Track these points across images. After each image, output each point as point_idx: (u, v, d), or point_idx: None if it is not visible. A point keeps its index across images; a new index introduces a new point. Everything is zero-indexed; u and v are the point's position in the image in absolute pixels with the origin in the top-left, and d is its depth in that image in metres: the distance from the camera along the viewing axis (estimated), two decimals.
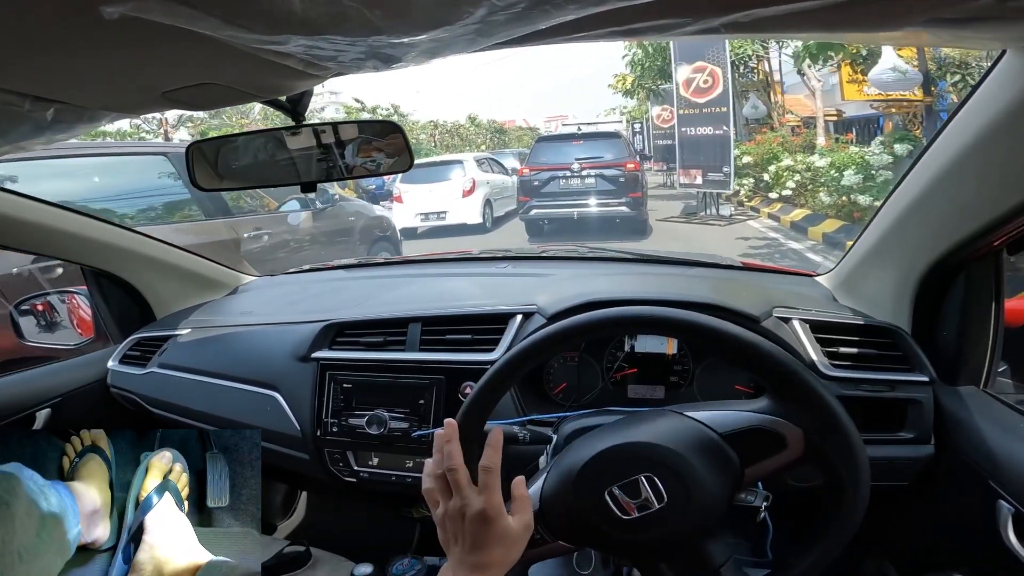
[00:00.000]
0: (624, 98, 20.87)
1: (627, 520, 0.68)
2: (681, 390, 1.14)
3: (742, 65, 13.84)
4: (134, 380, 1.39)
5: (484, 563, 0.64)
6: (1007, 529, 0.76)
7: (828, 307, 1.14)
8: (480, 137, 30.64)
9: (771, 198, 10.37)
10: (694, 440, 0.70)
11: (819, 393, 0.67)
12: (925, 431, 0.94)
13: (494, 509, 0.65)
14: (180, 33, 0.44)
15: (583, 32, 0.49)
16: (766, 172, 10.37)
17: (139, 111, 0.76)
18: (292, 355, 1.22)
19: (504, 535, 0.65)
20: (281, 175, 0.93)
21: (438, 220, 10.09)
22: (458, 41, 0.48)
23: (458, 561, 0.65)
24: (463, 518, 0.65)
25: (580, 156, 8.82)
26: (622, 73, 15.38)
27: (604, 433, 0.74)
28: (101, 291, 1.49)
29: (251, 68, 0.59)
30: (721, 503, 0.70)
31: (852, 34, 0.62)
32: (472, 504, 0.65)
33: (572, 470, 0.71)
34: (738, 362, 0.71)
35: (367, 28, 0.44)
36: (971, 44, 0.62)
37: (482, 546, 0.64)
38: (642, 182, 8.89)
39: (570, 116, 37.70)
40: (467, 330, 1.16)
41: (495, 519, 0.65)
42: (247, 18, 0.42)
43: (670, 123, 14.20)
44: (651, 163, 17.27)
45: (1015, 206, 0.75)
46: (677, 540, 0.71)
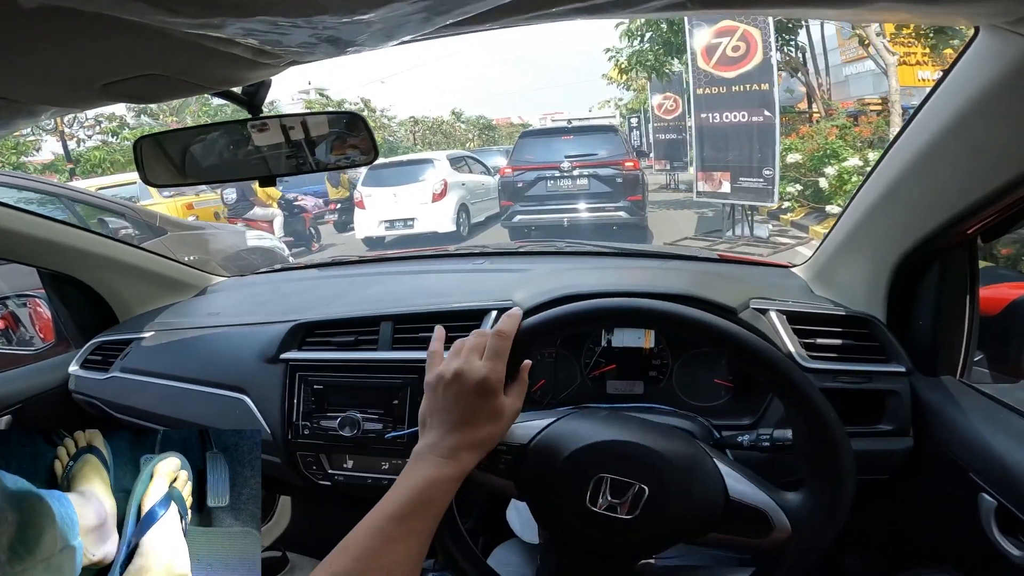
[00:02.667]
0: (619, 90, 18.99)
1: (590, 509, 0.66)
2: (660, 384, 1.12)
3: (784, 31, 9.68)
4: (96, 385, 1.34)
5: (472, 439, 0.61)
6: (990, 522, 0.75)
7: (805, 298, 1.13)
8: (466, 134, 29.97)
9: (828, 212, 7.34)
10: (702, 487, 0.67)
11: (834, 423, 0.65)
12: (903, 423, 0.93)
13: (497, 379, 0.61)
14: (112, 22, 0.41)
15: (543, 10, 0.46)
16: (822, 176, 7.59)
17: (80, 105, 0.72)
18: (260, 356, 1.19)
19: (497, 413, 0.62)
20: (237, 169, 0.89)
21: (405, 228, 8.80)
22: (410, 20, 0.45)
23: (443, 435, 0.61)
24: (459, 382, 0.61)
25: (571, 153, 7.68)
26: (615, 47, 11.01)
27: (633, 425, 0.72)
28: (60, 295, 1.44)
29: (196, 58, 0.56)
30: (670, 542, 0.69)
31: (822, 10, 0.60)
32: (476, 369, 0.61)
33: (583, 438, 0.68)
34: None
35: (307, 6, 0.41)
36: (945, 20, 0.60)
37: (471, 421, 0.61)
38: (642, 183, 7.88)
39: (566, 113, 37.45)
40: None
41: (495, 392, 0.61)
42: (174, 1, 0.39)
43: (675, 113, 12.75)
44: (650, 160, 15.37)
45: (989, 193, 0.73)
46: (612, 554, 0.70)
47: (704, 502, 0.67)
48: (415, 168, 9.25)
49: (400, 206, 8.81)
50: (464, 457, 0.60)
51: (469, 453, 0.61)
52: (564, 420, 0.71)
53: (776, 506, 0.66)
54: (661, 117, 13.45)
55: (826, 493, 0.66)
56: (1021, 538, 0.72)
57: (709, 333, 0.67)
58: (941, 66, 7.46)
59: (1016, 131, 0.67)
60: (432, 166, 9.23)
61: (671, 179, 13.99)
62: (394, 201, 8.82)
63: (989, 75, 0.64)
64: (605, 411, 0.76)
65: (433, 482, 0.58)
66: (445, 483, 0.59)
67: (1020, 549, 0.71)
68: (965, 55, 0.68)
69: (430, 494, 0.58)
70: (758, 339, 0.67)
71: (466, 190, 9.49)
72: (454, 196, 9.02)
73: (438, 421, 0.62)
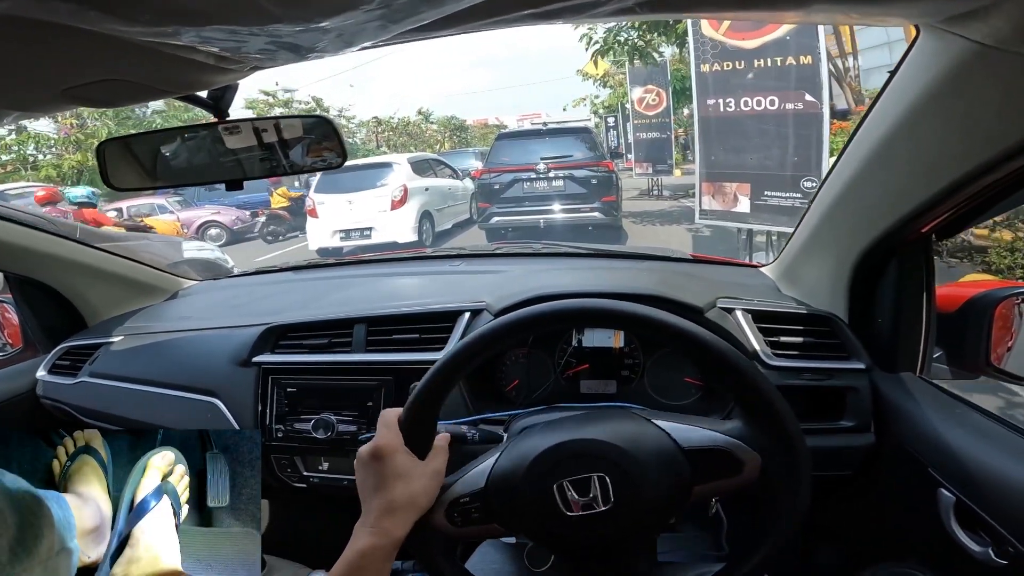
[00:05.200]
0: (596, 87, 17.89)
1: (569, 516, 0.67)
2: (632, 384, 1.14)
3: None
4: (64, 390, 1.33)
5: (388, 503, 0.65)
6: (949, 518, 0.76)
7: (771, 297, 1.16)
8: (436, 135, 28.49)
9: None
10: (655, 448, 0.69)
11: (785, 414, 0.67)
12: (864, 419, 0.96)
13: (388, 445, 0.67)
14: (71, 29, 0.41)
15: (496, 16, 0.47)
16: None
17: (41, 109, 0.72)
18: (232, 360, 1.18)
19: (402, 471, 0.66)
20: (200, 172, 0.89)
21: (362, 238, 8.03)
22: (366, 28, 0.46)
23: (366, 508, 0.66)
24: (360, 459, 0.68)
25: (547, 155, 7.73)
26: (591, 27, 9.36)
27: (566, 425, 0.73)
28: (26, 298, 1.42)
29: (157, 63, 0.56)
30: (663, 518, 0.70)
31: (761, 13, 0.61)
32: (368, 444, 0.68)
33: (527, 456, 0.70)
34: (694, 361, 0.71)
35: (261, 16, 0.41)
36: (882, 22, 0.62)
37: (381, 486, 0.66)
38: (616, 184, 7.97)
39: (544, 114, 37.16)
40: (414, 329, 1.14)
41: (390, 455, 0.66)
42: (127, 9, 0.39)
43: (658, 108, 11.40)
44: (629, 162, 13.74)
45: (940, 191, 0.75)
46: (608, 546, 0.70)
47: (664, 461, 0.68)
48: (373, 172, 8.39)
49: (356, 214, 8.09)
50: (387, 523, 0.64)
51: (391, 518, 0.65)
52: (506, 451, 0.73)
53: (728, 438, 0.69)
54: (642, 113, 11.80)
55: (760, 411, 0.68)
56: (981, 533, 0.73)
57: (666, 331, 0.69)
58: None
59: (958, 130, 0.68)
60: (391, 170, 8.41)
61: (653, 184, 12.80)
62: (349, 209, 8.10)
63: (931, 75, 0.66)
64: (542, 423, 0.77)
65: (363, 552, 0.63)
66: (375, 551, 0.63)
67: (980, 544, 0.73)
68: (909, 55, 0.69)
69: (361, 563, 0.62)
70: (716, 337, 0.69)
71: (429, 196, 8.77)
72: (415, 203, 8.30)
73: (362, 497, 0.68)
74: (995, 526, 0.70)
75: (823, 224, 1.04)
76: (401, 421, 0.70)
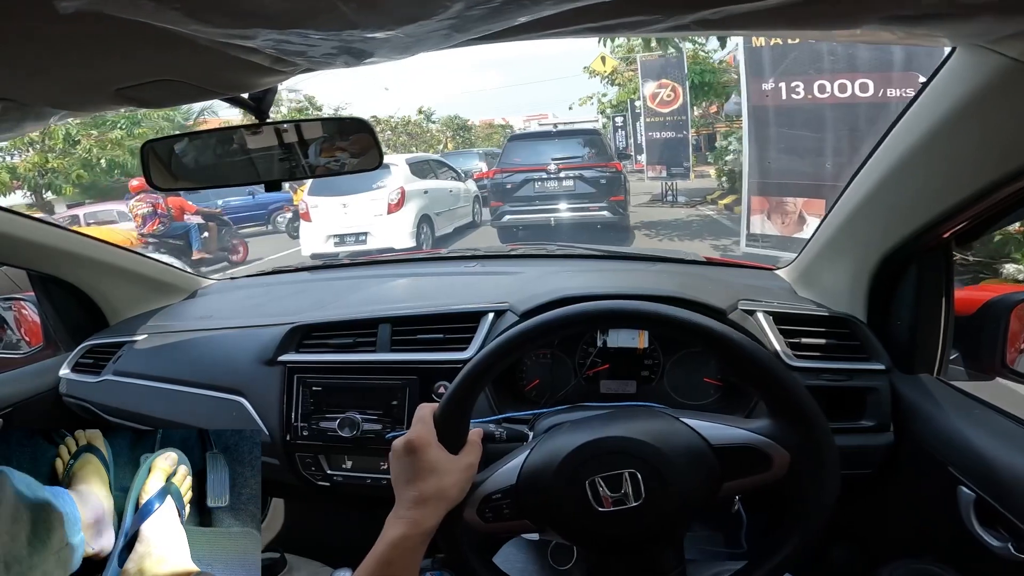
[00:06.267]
0: (603, 84, 16.36)
1: (600, 512, 0.68)
2: (652, 384, 1.15)
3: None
4: (88, 388, 1.34)
5: (419, 495, 0.66)
6: (969, 514, 0.78)
7: (789, 299, 1.17)
8: (438, 135, 27.86)
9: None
10: (684, 446, 0.70)
11: (815, 414, 0.68)
12: (884, 419, 0.98)
13: (421, 439, 0.68)
14: (139, 27, 0.42)
15: (556, 28, 0.49)
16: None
17: (90, 109, 0.73)
18: (257, 359, 1.19)
19: (435, 465, 0.68)
20: (241, 174, 0.90)
21: (357, 243, 7.62)
22: (432, 36, 0.47)
23: (399, 499, 0.67)
24: (395, 452, 0.69)
25: (557, 156, 7.89)
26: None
27: (594, 423, 0.74)
28: (49, 297, 1.43)
29: (214, 63, 0.57)
30: (693, 513, 0.71)
31: (813, 31, 0.63)
32: (403, 437, 0.69)
33: (558, 453, 0.71)
34: (725, 362, 0.72)
35: (341, 22, 0.43)
36: (924, 41, 0.64)
37: (414, 478, 0.67)
38: (623, 184, 8.22)
39: (551, 115, 36.70)
40: (439, 329, 1.15)
41: (423, 448, 0.68)
42: (212, 11, 0.41)
43: (673, 105, 10.49)
44: (640, 163, 12.79)
45: (962, 200, 0.78)
46: (639, 541, 0.72)
47: (693, 457, 0.70)
48: (368, 174, 7.93)
49: (351, 218, 7.67)
50: (417, 514, 0.66)
51: (421, 509, 0.66)
52: (536, 448, 0.74)
53: (757, 435, 0.70)
54: (655, 110, 10.73)
55: (789, 410, 0.69)
56: (1000, 529, 0.76)
57: (700, 334, 0.70)
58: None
59: (987, 142, 0.71)
60: (388, 172, 7.87)
61: (667, 188, 11.55)
62: (344, 212, 7.68)
63: (964, 88, 0.68)
64: (570, 421, 0.78)
65: (394, 543, 0.64)
66: (405, 541, 0.64)
67: (1000, 540, 0.75)
68: (942, 71, 0.72)
69: (391, 556, 0.64)
70: (748, 339, 0.70)
71: (429, 198, 8.38)
72: (413, 206, 7.90)
73: (396, 489, 0.69)
74: (1015, 522, 0.72)
75: (843, 230, 1.06)
76: (436, 416, 0.71)
